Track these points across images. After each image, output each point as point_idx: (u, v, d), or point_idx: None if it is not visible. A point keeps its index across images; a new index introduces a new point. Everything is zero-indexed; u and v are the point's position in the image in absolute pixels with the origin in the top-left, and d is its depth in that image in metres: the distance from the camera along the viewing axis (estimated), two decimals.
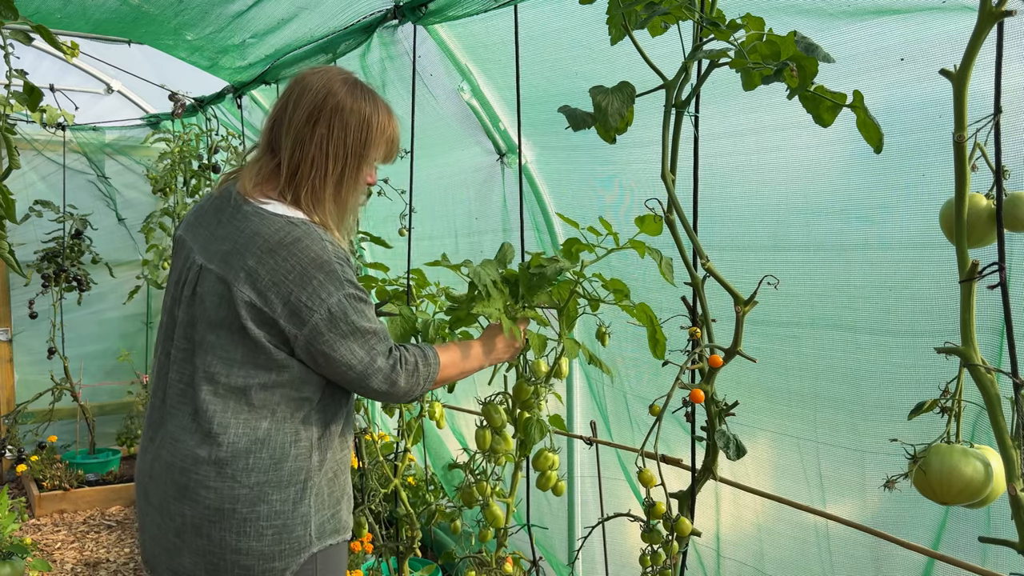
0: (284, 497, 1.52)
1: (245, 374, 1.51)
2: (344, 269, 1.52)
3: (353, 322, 1.51)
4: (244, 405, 1.51)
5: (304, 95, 1.57)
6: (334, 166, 1.56)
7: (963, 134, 1.12)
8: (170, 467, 1.54)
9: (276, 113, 1.61)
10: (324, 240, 1.52)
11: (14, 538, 3.18)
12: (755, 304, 1.43)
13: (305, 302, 1.47)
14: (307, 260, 1.48)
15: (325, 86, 1.58)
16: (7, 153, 2.17)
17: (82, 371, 5.11)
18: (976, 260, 1.15)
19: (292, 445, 1.54)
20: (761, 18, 1.28)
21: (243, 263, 1.49)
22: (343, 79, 1.60)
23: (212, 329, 1.51)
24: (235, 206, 1.57)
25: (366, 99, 1.60)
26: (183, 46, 3.48)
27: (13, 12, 1.97)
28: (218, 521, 1.50)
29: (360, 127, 1.58)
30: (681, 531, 1.56)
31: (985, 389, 1.15)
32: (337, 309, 1.49)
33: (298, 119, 1.56)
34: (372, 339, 1.54)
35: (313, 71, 1.63)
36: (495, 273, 1.80)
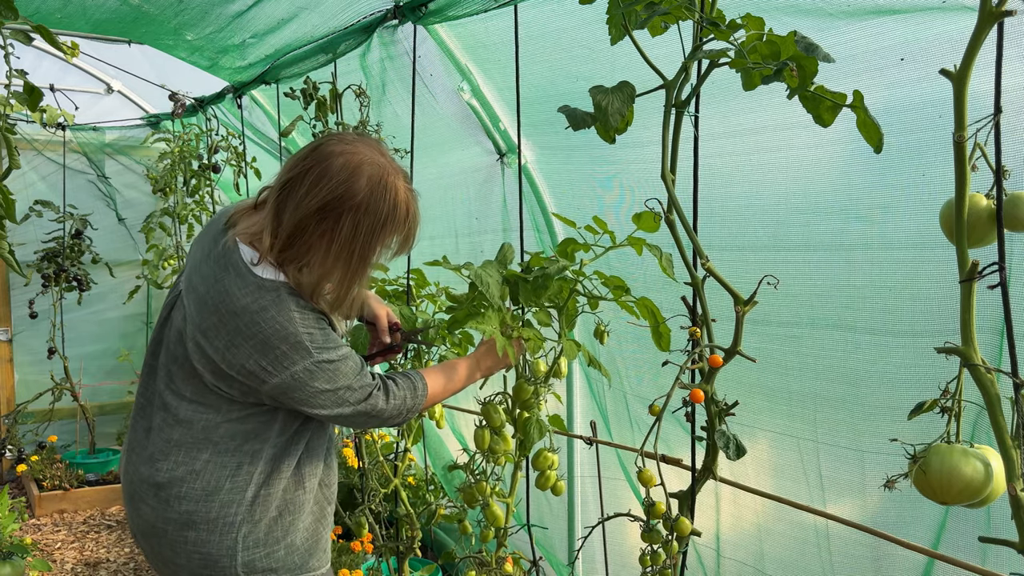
0: (211, 528, 1.54)
1: (193, 410, 1.55)
2: (314, 336, 1.48)
3: (317, 387, 1.50)
4: (188, 436, 1.55)
5: (322, 180, 1.43)
6: (334, 265, 1.47)
7: (963, 134, 1.12)
8: (126, 471, 1.65)
9: (290, 178, 1.47)
10: (292, 311, 1.46)
11: (14, 538, 3.19)
12: (755, 304, 1.43)
13: (266, 367, 1.47)
14: (270, 331, 1.46)
15: (347, 181, 1.43)
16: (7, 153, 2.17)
17: (82, 371, 5.11)
18: (976, 260, 1.15)
19: (228, 479, 1.55)
20: (761, 18, 1.28)
21: (208, 317, 1.48)
22: (369, 177, 1.44)
23: (171, 359, 1.57)
24: (224, 249, 1.52)
25: (386, 198, 1.45)
26: (183, 46, 3.48)
27: (13, 12, 1.97)
28: (154, 536, 1.59)
29: (372, 230, 1.45)
30: (681, 531, 1.56)
31: (985, 389, 1.14)
32: (303, 375, 1.48)
33: (308, 205, 1.43)
34: (344, 393, 1.54)
35: (341, 146, 1.46)
36: (496, 275, 1.80)
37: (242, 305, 1.46)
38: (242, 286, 1.47)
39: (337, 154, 1.45)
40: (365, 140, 1.52)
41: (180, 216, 4.79)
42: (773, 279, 1.42)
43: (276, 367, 1.48)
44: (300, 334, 1.47)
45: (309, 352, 1.48)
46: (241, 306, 1.46)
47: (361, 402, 1.56)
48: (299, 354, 1.48)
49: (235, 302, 1.46)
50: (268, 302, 1.46)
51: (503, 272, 1.84)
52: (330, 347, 1.51)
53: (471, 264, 1.85)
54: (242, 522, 1.55)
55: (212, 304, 1.49)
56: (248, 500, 1.56)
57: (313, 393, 1.51)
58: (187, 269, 1.61)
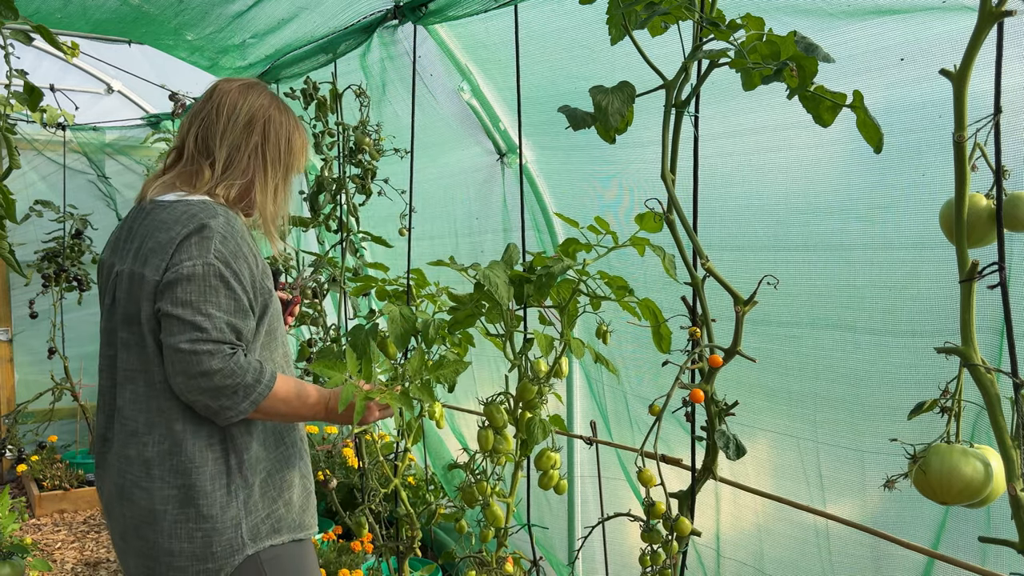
0: (210, 502, 1.51)
1: (152, 371, 1.53)
2: (226, 242, 1.52)
3: (185, 294, 1.48)
4: (160, 404, 1.52)
5: (236, 106, 1.66)
6: (275, 168, 1.68)
7: (963, 134, 1.12)
8: (111, 468, 1.60)
9: (202, 120, 1.66)
10: (219, 215, 1.55)
11: (14, 538, 3.19)
12: (755, 304, 1.43)
13: (169, 260, 1.50)
14: (191, 228, 1.51)
15: (255, 98, 1.68)
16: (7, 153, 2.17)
17: (82, 371, 5.11)
18: (976, 260, 1.15)
19: (207, 448, 1.53)
20: (761, 18, 1.28)
21: (148, 249, 1.53)
22: (263, 94, 1.70)
23: (125, 326, 1.56)
24: (141, 212, 1.63)
25: (282, 107, 1.72)
26: (183, 46, 3.48)
27: (13, 12, 1.97)
28: (151, 523, 1.52)
29: (289, 129, 1.71)
30: (681, 531, 1.56)
31: (985, 389, 1.15)
32: (187, 272, 1.49)
33: (233, 128, 1.64)
34: (200, 318, 1.47)
35: (228, 83, 1.70)
36: (504, 275, 1.80)
37: (173, 218, 1.54)
38: (173, 210, 1.56)
39: (230, 88, 1.69)
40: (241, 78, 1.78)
41: None
42: (773, 279, 1.42)
43: (174, 258, 1.49)
44: (213, 237, 1.51)
45: (208, 247, 1.50)
46: (173, 219, 1.54)
47: (204, 342, 1.46)
48: (200, 248, 1.50)
49: (167, 219, 1.55)
50: (198, 208, 1.55)
51: (509, 272, 1.84)
52: (231, 272, 1.52)
53: (478, 265, 1.85)
54: (237, 488, 1.54)
55: (151, 237, 1.55)
56: (233, 466, 1.55)
57: (178, 300, 1.47)
58: (115, 261, 1.64)
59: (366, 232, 2.77)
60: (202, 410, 1.50)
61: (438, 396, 2.35)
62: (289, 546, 1.63)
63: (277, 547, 1.60)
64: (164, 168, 1.71)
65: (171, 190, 1.63)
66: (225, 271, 1.50)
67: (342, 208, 2.80)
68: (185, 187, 1.63)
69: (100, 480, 1.66)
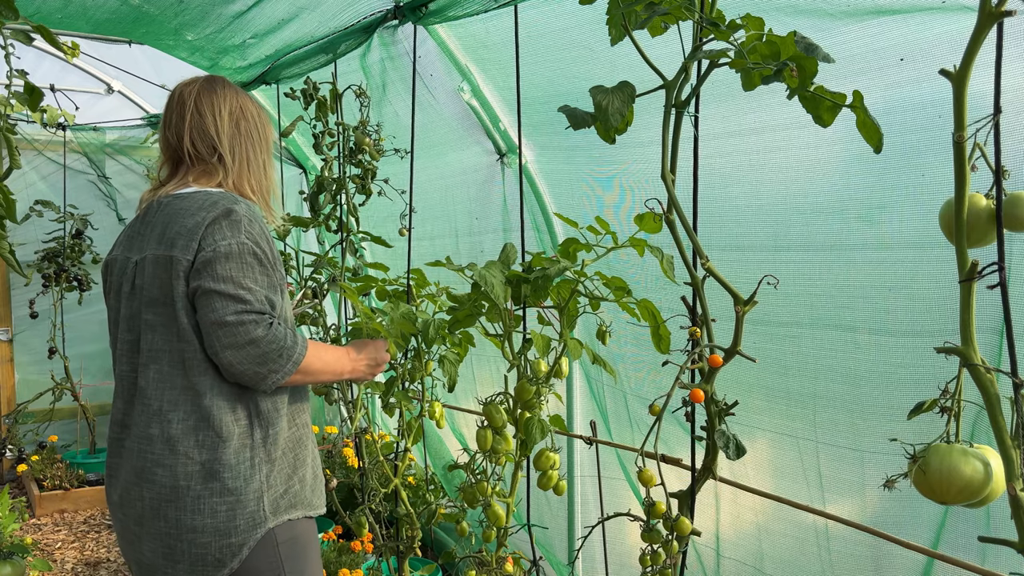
0: (235, 475, 1.55)
1: (181, 348, 1.58)
2: (252, 226, 1.60)
3: (226, 270, 1.56)
4: (187, 381, 1.57)
5: (213, 102, 1.75)
6: (266, 151, 1.80)
7: (963, 134, 1.12)
8: (129, 452, 1.62)
9: (189, 125, 1.73)
10: (240, 201, 1.64)
11: (15, 538, 3.19)
12: (755, 304, 1.43)
13: (204, 240, 1.56)
14: (218, 211, 1.58)
15: (222, 92, 1.78)
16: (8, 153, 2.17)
17: (83, 371, 5.11)
18: (976, 260, 1.15)
19: (234, 423, 1.58)
20: (761, 18, 1.28)
21: (174, 233, 1.59)
22: (225, 85, 1.80)
23: (150, 308, 1.60)
24: (156, 206, 1.70)
25: (245, 94, 1.83)
26: (183, 46, 3.49)
27: (14, 12, 1.97)
28: (173, 500, 1.54)
29: (259, 113, 1.82)
30: (681, 531, 1.56)
31: (985, 389, 1.15)
32: (224, 250, 1.55)
33: (222, 123, 1.74)
34: (244, 292, 1.56)
35: (184, 85, 1.79)
36: (500, 275, 1.80)
37: (197, 205, 1.61)
38: (194, 199, 1.64)
39: (195, 87, 1.77)
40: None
41: None
42: (773, 279, 1.42)
43: (207, 239, 1.56)
44: (241, 221, 1.59)
45: (239, 229, 1.58)
46: (197, 206, 1.61)
47: (249, 312, 1.55)
48: (232, 230, 1.57)
49: (191, 206, 1.62)
50: (218, 196, 1.63)
51: (506, 272, 1.84)
52: (262, 251, 1.60)
53: (475, 265, 1.85)
54: (261, 462, 1.60)
55: (175, 222, 1.61)
56: (257, 441, 1.60)
57: (219, 276, 1.54)
58: (131, 255, 1.69)
59: (366, 232, 2.78)
60: (249, 379, 1.56)
61: (437, 396, 2.36)
62: (301, 522, 1.69)
63: (293, 522, 1.65)
64: (163, 180, 1.78)
65: (187, 186, 1.71)
66: (257, 250, 1.59)
67: (342, 208, 2.80)
68: (202, 181, 1.73)
69: (115, 468, 1.67)
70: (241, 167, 1.75)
